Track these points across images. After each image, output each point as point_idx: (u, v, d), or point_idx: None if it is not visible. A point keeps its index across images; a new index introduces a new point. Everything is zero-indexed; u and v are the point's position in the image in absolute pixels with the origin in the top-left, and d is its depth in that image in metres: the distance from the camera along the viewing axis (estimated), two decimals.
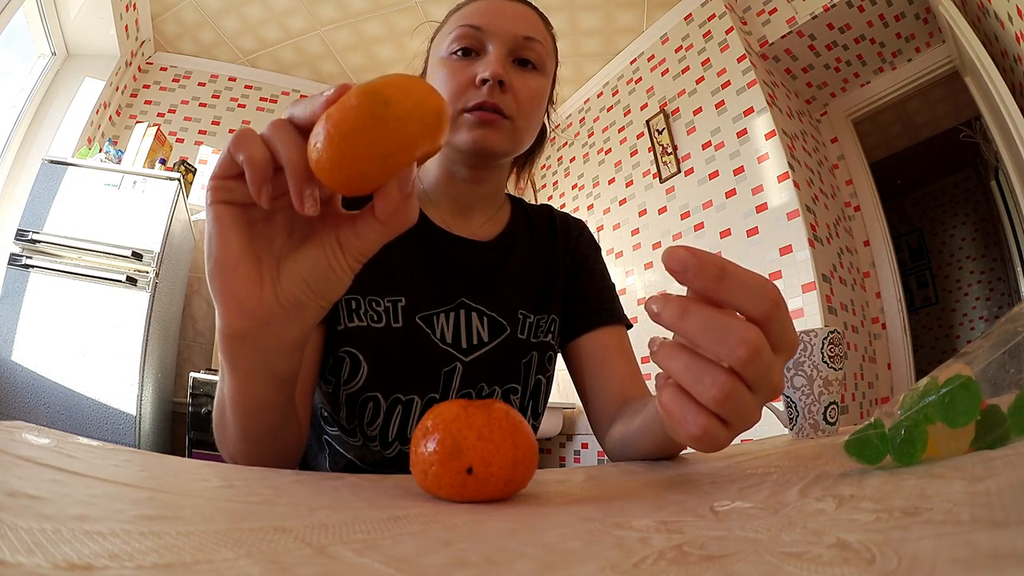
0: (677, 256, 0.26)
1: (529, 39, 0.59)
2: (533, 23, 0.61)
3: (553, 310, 0.66)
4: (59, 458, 0.25)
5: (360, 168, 0.26)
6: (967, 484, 0.21)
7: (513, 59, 0.59)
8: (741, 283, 0.26)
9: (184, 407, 2.22)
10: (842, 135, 2.66)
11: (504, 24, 0.58)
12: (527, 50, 0.59)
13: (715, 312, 0.26)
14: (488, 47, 0.58)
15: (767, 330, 0.26)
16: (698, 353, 0.27)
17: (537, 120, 0.62)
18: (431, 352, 0.58)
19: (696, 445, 0.28)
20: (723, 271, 0.26)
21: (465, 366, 0.59)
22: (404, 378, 0.57)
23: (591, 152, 3.08)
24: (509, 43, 0.58)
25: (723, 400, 0.26)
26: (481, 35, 0.58)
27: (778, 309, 0.26)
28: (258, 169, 0.28)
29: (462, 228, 0.65)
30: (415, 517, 0.21)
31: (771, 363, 0.26)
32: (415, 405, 0.57)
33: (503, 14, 0.59)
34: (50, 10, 2.31)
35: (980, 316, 3.74)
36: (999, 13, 1.63)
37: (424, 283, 0.60)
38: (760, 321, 0.26)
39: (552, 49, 0.64)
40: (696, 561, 0.14)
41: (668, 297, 0.27)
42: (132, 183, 2.12)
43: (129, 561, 0.13)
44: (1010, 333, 0.27)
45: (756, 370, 0.26)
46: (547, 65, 0.62)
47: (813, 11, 2.23)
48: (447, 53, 0.59)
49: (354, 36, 2.90)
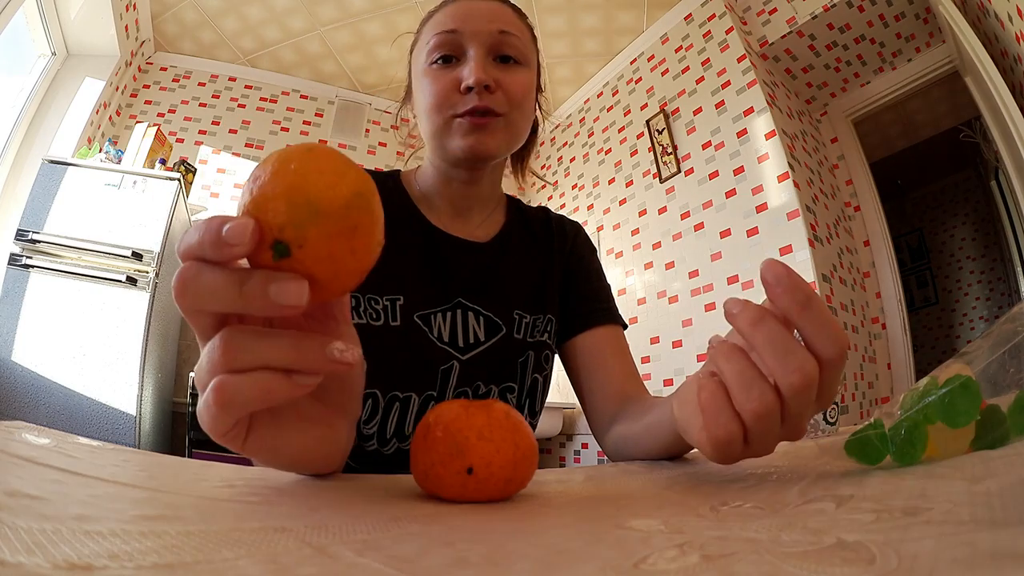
0: (775, 270, 0.27)
1: (505, 33, 0.58)
2: (507, 18, 0.61)
3: (549, 310, 0.66)
4: (59, 458, 0.25)
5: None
6: (967, 484, 0.21)
7: (494, 57, 0.59)
8: (821, 319, 0.26)
9: (184, 407, 2.22)
10: (842, 135, 2.66)
11: (478, 24, 0.58)
12: (506, 46, 0.59)
13: (787, 332, 0.27)
14: (467, 50, 0.57)
15: (823, 374, 0.27)
16: (755, 364, 0.27)
17: (529, 112, 0.62)
18: (429, 351, 0.58)
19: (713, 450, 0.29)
20: (809, 301, 0.26)
21: (462, 365, 0.59)
22: (402, 376, 0.57)
23: (591, 152, 3.08)
24: (487, 42, 0.58)
25: (760, 416, 0.26)
26: (458, 38, 0.58)
27: (841, 359, 0.27)
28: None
29: (459, 229, 0.65)
30: (415, 517, 0.21)
31: (810, 403, 0.27)
32: (412, 403, 0.57)
33: (476, 14, 0.59)
34: (50, 10, 2.31)
35: (980, 316, 3.74)
36: (999, 13, 1.63)
37: (422, 283, 0.60)
38: (822, 362, 0.27)
39: (530, 39, 0.64)
40: (696, 561, 0.14)
41: (748, 303, 0.28)
42: (132, 183, 2.12)
43: (129, 561, 0.13)
44: (1010, 333, 0.27)
45: (799, 402, 0.26)
46: (528, 57, 0.61)
47: (813, 11, 2.23)
48: (427, 63, 0.59)
49: (354, 36, 2.90)
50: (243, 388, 0.22)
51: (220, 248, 0.21)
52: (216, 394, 0.22)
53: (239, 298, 0.22)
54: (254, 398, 0.23)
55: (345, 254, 0.22)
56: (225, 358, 0.22)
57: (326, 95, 3.30)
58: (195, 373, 0.24)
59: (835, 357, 0.26)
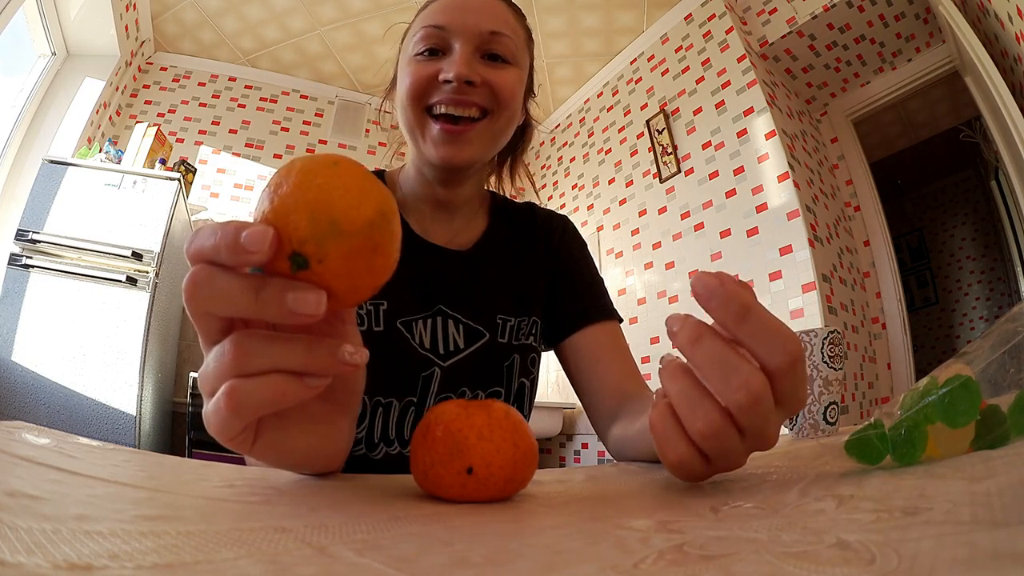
0: (704, 282, 0.25)
1: (495, 33, 0.57)
2: (500, 17, 0.59)
3: (534, 312, 0.65)
4: (59, 458, 0.25)
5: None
6: (967, 484, 0.21)
7: (481, 55, 0.57)
8: (762, 329, 0.25)
9: (184, 407, 2.21)
10: (842, 135, 2.66)
11: (468, 20, 0.56)
12: (495, 44, 0.57)
13: (728, 348, 0.25)
14: (454, 46, 0.56)
15: (776, 384, 0.25)
16: (700, 383, 0.26)
17: (515, 113, 0.60)
18: (410, 356, 0.58)
19: (672, 472, 0.28)
20: (747, 311, 0.25)
21: (443, 371, 0.59)
22: (384, 381, 0.57)
23: (591, 152, 3.08)
24: (475, 40, 0.56)
25: (708, 436, 0.25)
26: (445, 34, 0.56)
27: (793, 367, 0.25)
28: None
29: (440, 235, 0.64)
30: (415, 517, 0.21)
31: (768, 415, 0.25)
32: (394, 408, 0.57)
33: (468, 10, 0.57)
34: (50, 10, 2.31)
35: (980, 316, 3.74)
36: (999, 13, 1.63)
37: (404, 290, 0.59)
38: (771, 373, 0.25)
39: (525, 40, 0.62)
40: (696, 561, 0.14)
41: (689, 320, 0.27)
42: (132, 183, 2.12)
43: (129, 561, 0.13)
44: (1010, 333, 0.27)
45: (751, 418, 0.25)
46: (519, 57, 0.60)
47: (813, 11, 2.23)
48: (412, 54, 0.57)
49: (354, 36, 2.90)
50: (256, 391, 0.22)
51: (237, 253, 0.21)
52: (228, 398, 0.22)
53: (254, 304, 0.22)
54: (266, 401, 0.23)
55: (363, 271, 0.23)
56: (237, 362, 0.22)
57: (326, 95, 3.30)
58: (200, 377, 0.24)
59: (783, 365, 0.25)
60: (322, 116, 3.27)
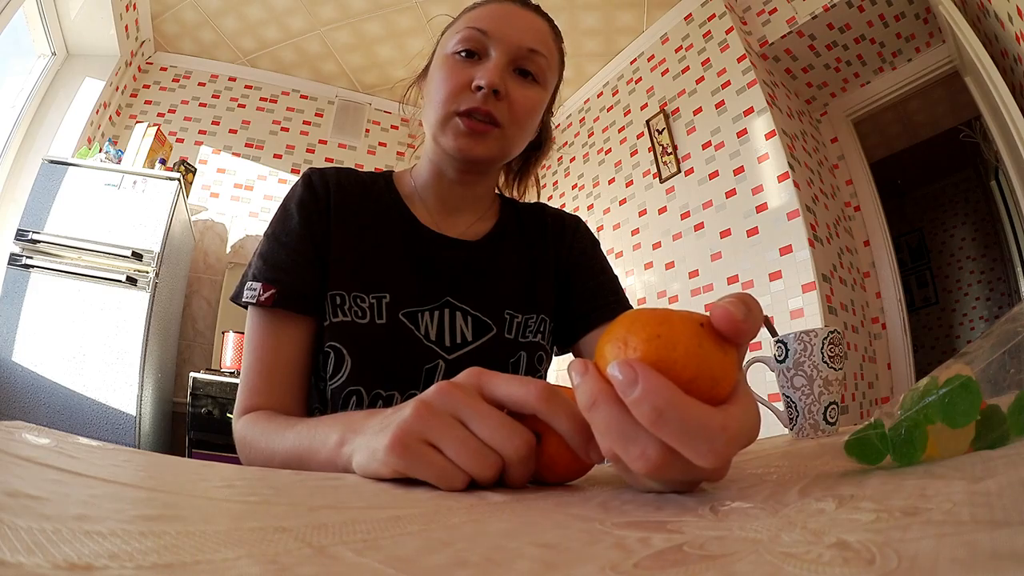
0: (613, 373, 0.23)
1: (533, 51, 0.59)
2: (541, 35, 0.61)
3: (543, 310, 0.66)
4: (59, 458, 0.25)
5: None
6: (967, 484, 0.21)
7: (514, 68, 0.59)
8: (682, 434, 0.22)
9: (184, 407, 2.22)
10: (842, 135, 2.66)
11: (510, 32, 0.58)
12: (529, 62, 0.59)
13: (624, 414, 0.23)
14: (491, 52, 0.58)
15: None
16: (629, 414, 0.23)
17: (528, 130, 0.62)
18: (415, 349, 0.58)
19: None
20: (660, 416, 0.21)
21: (448, 364, 0.59)
22: (386, 374, 0.57)
23: (591, 152, 3.08)
24: (512, 52, 0.58)
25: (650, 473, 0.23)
26: (486, 40, 0.58)
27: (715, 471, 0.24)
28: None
29: (450, 227, 0.65)
30: (415, 517, 0.21)
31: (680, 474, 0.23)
32: (395, 401, 0.57)
33: (512, 22, 0.59)
34: (50, 10, 2.31)
35: (980, 316, 3.74)
36: (999, 13, 1.63)
37: (410, 281, 0.60)
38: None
39: (557, 63, 0.65)
40: (696, 561, 0.14)
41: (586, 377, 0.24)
42: (132, 183, 2.12)
43: (129, 561, 0.13)
44: (1010, 333, 0.27)
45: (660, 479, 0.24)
46: (548, 78, 0.62)
47: (813, 11, 2.23)
48: (451, 51, 0.59)
49: (354, 36, 2.90)
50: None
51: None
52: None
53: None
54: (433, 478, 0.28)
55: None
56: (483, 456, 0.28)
57: (326, 95, 3.30)
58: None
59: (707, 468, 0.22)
60: (322, 116, 3.27)
